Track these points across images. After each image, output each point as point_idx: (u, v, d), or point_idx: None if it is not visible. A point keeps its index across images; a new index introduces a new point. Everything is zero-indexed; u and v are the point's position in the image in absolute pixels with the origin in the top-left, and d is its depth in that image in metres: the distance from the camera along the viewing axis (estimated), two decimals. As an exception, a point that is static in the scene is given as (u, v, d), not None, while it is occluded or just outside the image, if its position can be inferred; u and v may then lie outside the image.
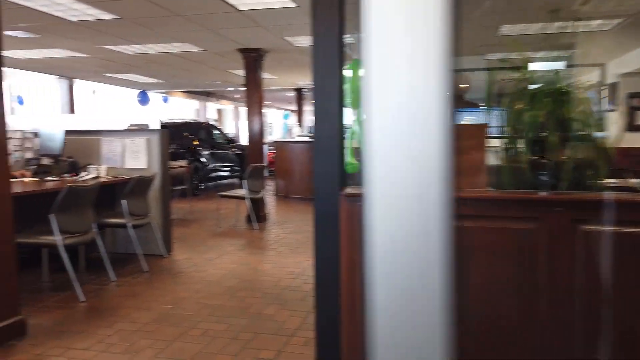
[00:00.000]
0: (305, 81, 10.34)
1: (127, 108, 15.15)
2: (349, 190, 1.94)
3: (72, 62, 7.55)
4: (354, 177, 2.25)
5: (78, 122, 5.27)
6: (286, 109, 24.66)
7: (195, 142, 10.01)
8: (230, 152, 11.27)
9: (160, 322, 3.02)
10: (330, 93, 1.94)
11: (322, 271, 1.99)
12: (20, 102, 13.32)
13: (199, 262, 4.44)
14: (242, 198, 6.23)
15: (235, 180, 12.68)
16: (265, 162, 6.73)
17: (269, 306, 3.31)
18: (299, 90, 14.21)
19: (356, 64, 2.56)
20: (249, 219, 6.57)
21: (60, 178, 4.33)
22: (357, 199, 1.90)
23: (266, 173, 7.27)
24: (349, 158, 2.11)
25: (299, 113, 14.28)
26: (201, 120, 15.60)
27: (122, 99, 14.16)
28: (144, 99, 11.60)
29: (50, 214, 3.31)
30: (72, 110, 10.01)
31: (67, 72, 8.82)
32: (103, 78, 9.63)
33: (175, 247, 4.96)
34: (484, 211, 1.85)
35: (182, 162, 7.32)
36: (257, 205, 6.55)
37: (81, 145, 4.76)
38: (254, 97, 6.53)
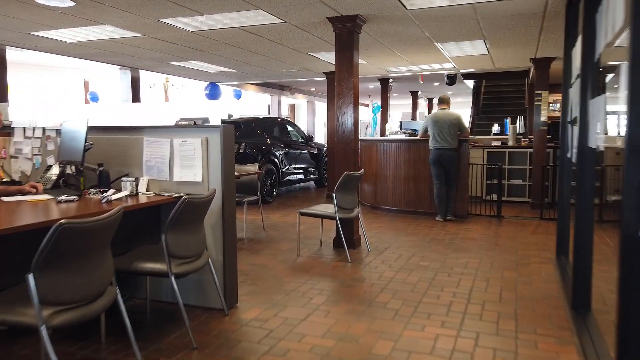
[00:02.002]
0: (400, 66, 8.55)
1: (198, 103, 14.23)
2: None
3: (129, 45, 6.37)
4: None
5: (119, 117, 3.97)
6: (363, 104, 22.87)
7: (269, 140, 8.62)
8: (305, 151, 9.79)
9: None
10: None
11: None
12: (95, 99, 12.77)
13: (275, 329, 2.89)
14: (330, 217, 4.63)
15: (311, 184, 11.22)
16: (358, 168, 5.09)
17: None
18: (384, 81, 12.43)
19: None
20: (336, 243, 4.98)
21: (81, 195, 2.96)
22: None
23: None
24: None
25: (385, 107, 12.51)
26: (275, 116, 14.34)
27: (193, 92, 13.21)
28: (213, 91, 10.42)
29: (29, 273, 1.89)
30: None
31: (128, 60, 7.74)
32: (169, 68, 8.49)
33: (240, 293, 3.46)
34: None
35: (253, 167, 5.88)
36: (349, 227, 4.94)
37: (117, 147, 3.38)
38: (347, 82, 4.90)
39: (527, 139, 8.56)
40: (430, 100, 19.26)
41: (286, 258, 4.62)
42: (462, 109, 17.95)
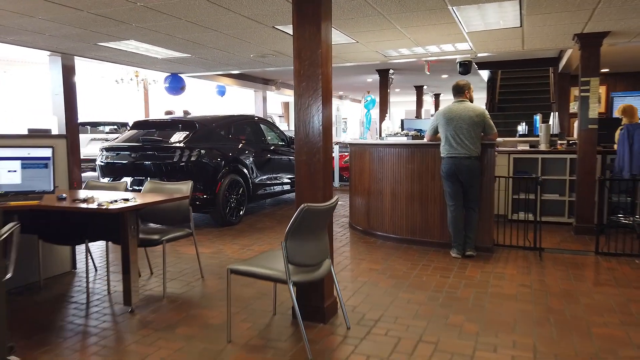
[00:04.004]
0: (401, 48, 6.64)
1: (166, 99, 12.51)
2: None
3: (13, 13, 4.54)
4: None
5: None
6: (358, 101, 20.87)
7: (238, 144, 6.80)
8: (288, 157, 7.96)
9: None
10: None
11: None
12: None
13: None
14: (279, 281, 2.74)
15: (293, 195, 9.40)
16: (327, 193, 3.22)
17: None
18: (384, 72, 10.58)
19: None
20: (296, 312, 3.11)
21: None
22: None
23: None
24: None
25: (384, 104, 10.64)
26: (248, 114, 12.44)
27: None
28: (173, 84, 8.59)
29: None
30: (70, 104, 7.19)
31: (40, 40, 5.92)
32: (103, 51, 6.66)
33: None
34: None
35: (185, 185, 4.02)
36: (316, 291, 3.07)
37: None
38: (311, 56, 3.04)
39: (565, 142, 6.67)
40: (437, 96, 17.38)
41: (206, 348, 2.75)
42: (473, 105, 16.06)
